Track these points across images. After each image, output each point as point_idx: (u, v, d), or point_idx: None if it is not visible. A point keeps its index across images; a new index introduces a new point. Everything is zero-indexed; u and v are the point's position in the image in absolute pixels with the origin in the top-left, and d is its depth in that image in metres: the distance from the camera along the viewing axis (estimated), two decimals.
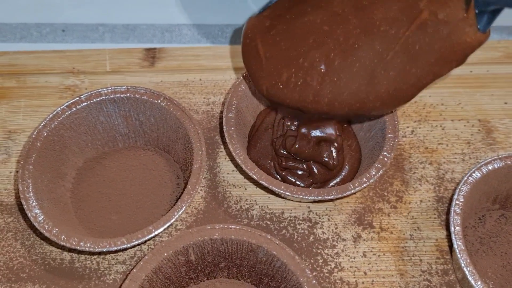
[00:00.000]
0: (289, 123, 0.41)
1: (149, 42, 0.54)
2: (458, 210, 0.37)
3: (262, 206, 0.43)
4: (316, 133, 0.40)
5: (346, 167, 0.42)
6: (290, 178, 0.41)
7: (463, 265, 0.35)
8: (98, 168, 0.43)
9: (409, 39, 0.32)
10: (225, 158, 0.45)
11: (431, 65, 0.33)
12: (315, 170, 0.41)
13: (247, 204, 0.43)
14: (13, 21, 0.55)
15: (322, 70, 0.34)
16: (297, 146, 0.40)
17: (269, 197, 0.43)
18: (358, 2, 0.33)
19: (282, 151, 0.41)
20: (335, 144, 0.40)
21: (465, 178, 0.38)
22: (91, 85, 0.49)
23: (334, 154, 0.40)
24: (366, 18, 0.32)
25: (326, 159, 0.40)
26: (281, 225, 0.42)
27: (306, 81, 0.34)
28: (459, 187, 0.37)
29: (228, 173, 0.44)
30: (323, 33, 0.34)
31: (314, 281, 0.34)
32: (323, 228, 0.42)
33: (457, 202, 0.37)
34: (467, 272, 0.35)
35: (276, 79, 0.35)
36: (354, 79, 0.34)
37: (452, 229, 0.36)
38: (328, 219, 0.42)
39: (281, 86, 0.35)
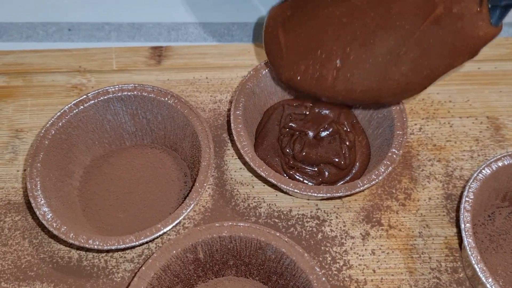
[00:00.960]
0: (293, 125, 0.41)
1: (155, 41, 0.54)
2: (468, 207, 0.36)
3: (270, 204, 0.42)
4: (323, 132, 0.41)
5: (357, 164, 0.41)
6: (298, 177, 0.41)
7: (473, 262, 0.35)
8: (105, 166, 0.43)
9: (423, 33, 0.33)
10: (233, 156, 0.45)
11: (444, 57, 0.34)
12: (326, 173, 0.40)
13: (254, 202, 0.43)
14: (19, 20, 0.55)
15: (338, 65, 0.35)
16: (304, 153, 0.40)
17: (276, 195, 0.43)
18: None
19: (288, 150, 0.41)
20: (347, 142, 0.40)
21: (475, 175, 0.38)
22: (98, 84, 0.49)
23: (345, 152, 0.40)
24: (383, 12, 0.33)
25: (336, 160, 0.40)
26: (289, 223, 0.42)
27: (322, 75, 0.36)
28: (469, 184, 0.37)
29: (235, 171, 0.44)
30: (341, 25, 0.34)
31: (323, 279, 0.34)
32: (331, 226, 0.41)
33: (467, 199, 0.37)
34: (478, 270, 0.34)
35: (295, 70, 0.36)
36: (366, 75, 0.35)
37: (462, 226, 0.36)
38: (336, 217, 0.42)
39: (299, 78, 0.36)
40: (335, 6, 0.35)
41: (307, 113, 0.42)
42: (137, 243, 0.35)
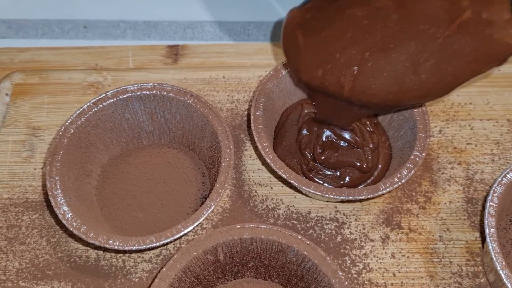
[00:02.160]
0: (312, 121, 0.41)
1: (170, 39, 0.54)
2: (492, 212, 0.36)
3: (288, 206, 0.42)
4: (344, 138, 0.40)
5: (379, 166, 0.41)
6: (317, 180, 0.41)
7: (498, 268, 0.34)
8: (122, 165, 0.43)
9: (448, 38, 0.32)
10: (250, 157, 0.44)
11: (469, 63, 0.33)
12: (348, 177, 0.40)
13: (273, 203, 0.42)
14: (35, 17, 0.55)
15: (355, 72, 0.34)
16: (323, 158, 0.40)
17: (295, 196, 0.43)
18: None
19: (307, 152, 0.41)
20: (370, 145, 0.40)
21: (499, 179, 0.37)
22: (114, 82, 0.48)
23: (368, 155, 0.40)
24: (406, 15, 0.32)
25: (358, 164, 0.39)
26: (308, 225, 0.41)
27: (339, 82, 0.35)
28: (493, 188, 0.37)
29: (253, 172, 0.44)
30: (362, 27, 0.33)
31: (346, 283, 0.33)
32: (350, 229, 0.41)
33: (491, 203, 0.36)
34: (503, 275, 0.34)
35: (313, 74, 0.36)
36: (383, 85, 0.34)
37: (486, 231, 0.35)
38: (356, 219, 0.41)
39: (316, 82, 0.36)
40: (357, 7, 0.34)
41: None
42: (157, 244, 0.35)
